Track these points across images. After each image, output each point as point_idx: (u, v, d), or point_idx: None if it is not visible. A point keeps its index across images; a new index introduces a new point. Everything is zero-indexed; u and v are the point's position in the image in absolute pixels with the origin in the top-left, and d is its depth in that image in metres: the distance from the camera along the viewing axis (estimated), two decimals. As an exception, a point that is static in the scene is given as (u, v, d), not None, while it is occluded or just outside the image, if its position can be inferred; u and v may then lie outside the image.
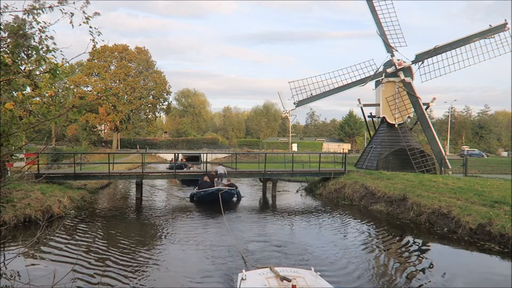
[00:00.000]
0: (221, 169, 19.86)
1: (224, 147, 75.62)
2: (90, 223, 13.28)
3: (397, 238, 11.94)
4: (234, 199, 18.74)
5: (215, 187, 17.44)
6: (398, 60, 25.92)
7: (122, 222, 13.80)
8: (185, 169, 27.45)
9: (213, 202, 16.35)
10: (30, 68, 4.19)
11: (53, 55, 4.21)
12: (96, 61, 56.61)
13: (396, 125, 26.09)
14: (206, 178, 18.52)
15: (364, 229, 13.10)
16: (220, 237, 11.40)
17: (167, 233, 12.00)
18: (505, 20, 24.90)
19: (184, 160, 39.59)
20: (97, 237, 11.40)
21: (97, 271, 8.25)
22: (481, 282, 8.16)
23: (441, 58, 25.51)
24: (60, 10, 3.96)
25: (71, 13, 3.99)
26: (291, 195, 21.79)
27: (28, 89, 4.46)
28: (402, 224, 13.80)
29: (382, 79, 26.31)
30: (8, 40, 3.98)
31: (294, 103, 26.62)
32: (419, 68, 25.81)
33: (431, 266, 9.13)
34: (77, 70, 53.26)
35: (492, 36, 24.83)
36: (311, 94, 26.36)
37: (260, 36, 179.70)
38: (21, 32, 3.94)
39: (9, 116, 4.16)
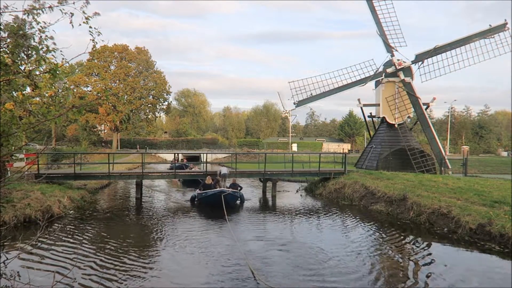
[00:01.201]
0: (224, 170, 19.58)
1: (224, 147, 75.63)
2: (90, 223, 13.28)
3: (399, 238, 11.93)
4: (238, 202, 17.78)
5: (218, 189, 16.46)
6: (398, 60, 25.92)
7: (122, 223, 13.79)
8: (186, 169, 27.09)
9: (216, 205, 15.56)
10: (30, 68, 4.18)
11: (53, 55, 4.20)
12: (96, 61, 56.61)
13: (396, 125, 26.10)
14: (208, 180, 17.81)
15: (365, 230, 13.08)
16: (224, 243, 10.95)
17: (167, 236, 11.91)
18: (505, 20, 24.93)
19: (186, 160, 39.04)
20: (97, 237, 11.40)
21: (97, 272, 8.25)
22: (481, 282, 8.16)
23: (441, 58, 25.57)
24: (60, 10, 3.96)
25: (71, 13, 3.99)
26: (291, 195, 21.77)
27: (28, 89, 4.46)
28: (402, 224, 13.79)
29: (382, 79, 26.31)
30: (8, 40, 3.98)
31: (294, 103, 26.63)
32: (419, 68, 25.83)
33: (437, 269, 9.12)
34: (77, 70, 53.26)
35: (492, 36, 24.84)
36: (311, 94, 26.38)
37: (260, 36, 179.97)
38: (21, 32, 3.94)
39: (9, 116, 4.15)
